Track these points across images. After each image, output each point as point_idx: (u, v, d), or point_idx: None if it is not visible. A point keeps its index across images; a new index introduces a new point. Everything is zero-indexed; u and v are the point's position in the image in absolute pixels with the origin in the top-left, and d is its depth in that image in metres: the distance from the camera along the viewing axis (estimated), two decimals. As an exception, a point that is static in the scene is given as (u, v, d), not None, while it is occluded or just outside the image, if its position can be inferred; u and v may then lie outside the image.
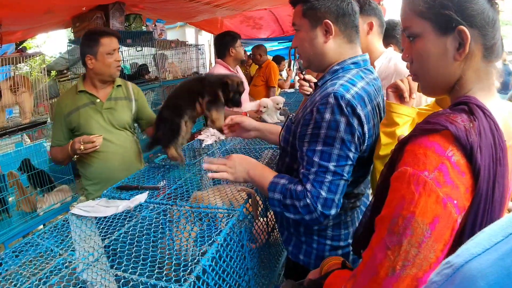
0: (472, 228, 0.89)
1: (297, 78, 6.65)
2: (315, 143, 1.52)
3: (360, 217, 1.79)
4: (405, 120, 1.56)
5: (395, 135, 1.53)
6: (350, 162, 1.50)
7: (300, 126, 1.59)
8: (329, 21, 1.60)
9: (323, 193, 1.48)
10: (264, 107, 3.72)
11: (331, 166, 1.48)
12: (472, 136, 0.90)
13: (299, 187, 1.53)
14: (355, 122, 1.47)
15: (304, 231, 1.76)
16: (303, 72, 2.93)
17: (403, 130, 1.55)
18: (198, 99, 2.32)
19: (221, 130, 2.31)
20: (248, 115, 3.77)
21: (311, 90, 2.76)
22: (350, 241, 1.75)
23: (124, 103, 3.00)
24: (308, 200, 1.49)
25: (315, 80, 2.70)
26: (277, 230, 2.12)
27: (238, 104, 2.40)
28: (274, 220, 2.12)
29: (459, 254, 0.59)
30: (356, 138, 1.48)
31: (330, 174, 1.49)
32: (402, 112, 1.55)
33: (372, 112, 1.57)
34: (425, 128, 0.96)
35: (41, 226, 3.74)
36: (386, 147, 1.55)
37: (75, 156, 2.83)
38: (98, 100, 2.86)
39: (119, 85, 3.01)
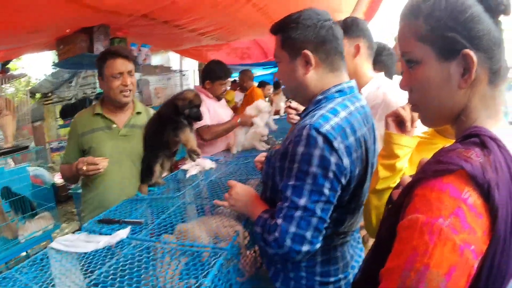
0: (489, 271, 0.83)
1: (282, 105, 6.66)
2: (288, 177, 1.47)
3: (350, 251, 1.75)
4: (406, 152, 1.48)
5: (395, 168, 1.47)
6: (323, 199, 1.43)
7: (279, 160, 1.56)
8: (308, 52, 1.55)
9: (292, 228, 1.43)
10: (260, 110, 3.73)
11: (302, 201, 1.42)
12: (489, 173, 0.83)
13: (273, 221, 1.49)
14: (331, 156, 1.41)
15: (292, 267, 1.68)
16: (290, 100, 2.91)
17: (404, 162, 1.49)
18: (164, 133, 2.44)
19: (194, 152, 2.45)
20: (239, 120, 3.78)
21: (298, 118, 2.73)
22: (340, 276, 1.69)
23: (142, 132, 2.79)
24: (277, 234, 1.45)
25: (302, 107, 2.68)
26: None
27: (198, 118, 2.54)
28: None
29: None
30: (331, 173, 1.42)
31: (300, 210, 1.43)
32: (403, 143, 1.47)
33: (355, 143, 1.50)
34: (438, 169, 0.88)
35: (24, 253, 3.71)
36: (385, 181, 1.49)
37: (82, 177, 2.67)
38: (114, 126, 2.69)
39: (139, 112, 2.83)
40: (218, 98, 4.16)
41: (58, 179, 7.25)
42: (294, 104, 2.72)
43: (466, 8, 0.92)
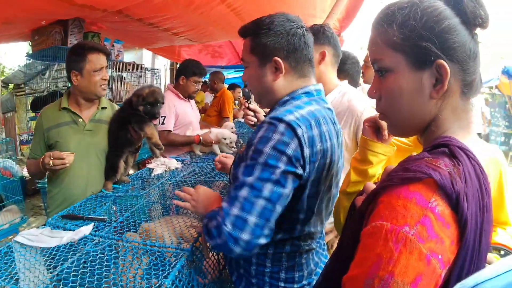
0: (458, 281, 0.78)
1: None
2: (244, 161, 1.41)
3: (315, 258, 1.73)
4: (380, 159, 1.46)
5: (367, 174, 1.46)
6: (274, 178, 1.33)
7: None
8: (279, 59, 1.53)
9: (235, 210, 1.32)
10: (224, 138, 3.68)
11: (250, 179, 1.34)
12: (458, 183, 0.81)
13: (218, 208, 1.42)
14: (292, 142, 1.35)
15: (256, 272, 1.64)
16: (249, 101, 2.91)
17: (377, 169, 1.47)
18: (128, 128, 2.50)
19: (158, 146, 2.51)
20: (201, 138, 3.73)
21: (255, 120, 2.73)
22: (304, 282, 1.66)
23: (107, 127, 2.82)
24: (219, 218, 1.35)
25: (261, 110, 2.69)
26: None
27: (153, 115, 2.55)
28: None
29: (472, 277, 0.57)
30: (286, 157, 1.34)
31: (246, 189, 1.34)
32: (378, 150, 1.44)
33: (320, 137, 1.44)
34: (405, 176, 0.85)
35: None
36: (355, 185, 1.47)
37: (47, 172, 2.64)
38: (80, 120, 2.70)
39: (105, 107, 2.85)
40: (190, 97, 4.17)
41: (26, 172, 7.12)
42: (252, 106, 2.74)
43: (442, 19, 0.92)
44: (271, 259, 1.60)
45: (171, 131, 3.89)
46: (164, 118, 3.86)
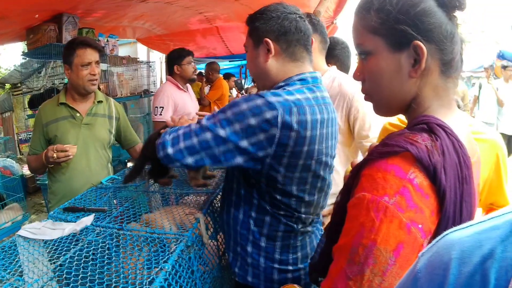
0: None
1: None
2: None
3: (313, 242, 1.78)
4: None
5: None
6: (216, 134, 1.48)
7: None
8: (269, 40, 1.63)
9: (180, 131, 1.58)
10: None
11: (204, 122, 1.53)
12: (435, 156, 0.85)
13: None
14: (267, 112, 1.43)
15: (251, 251, 1.71)
16: (241, 92, 2.95)
17: None
18: None
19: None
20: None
21: None
22: (300, 265, 1.72)
23: (104, 120, 2.90)
24: (168, 129, 1.65)
25: None
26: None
27: None
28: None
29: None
30: (255, 120, 1.44)
31: (197, 125, 1.55)
32: None
33: (299, 124, 1.46)
34: (383, 151, 0.90)
35: None
36: None
37: (49, 166, 2.70)
38: (78, 115, 2.76)
39: (101, 101, 2.91)
40: (192, 80, 4.21)
41: (26, 170, 7.15)
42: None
43: (417, 3, 0.94)
44: (265, 237, 1.67)
45: None
46: (162, 109, 3.89)
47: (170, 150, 1.55)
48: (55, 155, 2.44)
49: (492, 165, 1.63)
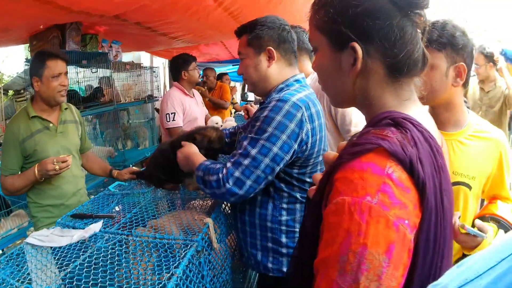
0: (426, 244, 0.81)
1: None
2: (251, 132, 1.76)
3: None
4: None
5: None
6: (271, 155, 1.69)
7: (248, 132, 1.82)
8: (272, 48, 1.89)
9: (237, 173, 1.70)
10: (216, 123, 3.71)
11: (253, 151, 1.70)
12: (408, 148, 0.82)
13: (219, 165, 1.78)
14: (291, 123, 1.71)
15: (286, 241, 1.92)
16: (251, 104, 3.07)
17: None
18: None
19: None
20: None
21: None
22: None
23: (73, 126, 2.97)
24: (220, 175, 1.72)
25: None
26: (237, 257, 2.16)
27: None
28: (236, 245, 2.18)
29: (452, 279, 0.54)
30: (290, 140, 1.71)
31: (249, 158, 1.70)
32: None
33: (316, 114, 1.82)
34: (354, 150, 0.86)
35: (0, 251, 3.70)
36: None
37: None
38: (51, 125, 2.79)
39: (66, 108, 2.96)
40: (198, 84, 4.23)
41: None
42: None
43: (357, 4, 0.92)
44: (299, 223, 1.91)
45: (181, 127, 3.95)
46: (174, 115, 3.90)
47: (241, 192, 1.72)
48: (57, 167, 2.48)
49: (495, 161, 1.76)
